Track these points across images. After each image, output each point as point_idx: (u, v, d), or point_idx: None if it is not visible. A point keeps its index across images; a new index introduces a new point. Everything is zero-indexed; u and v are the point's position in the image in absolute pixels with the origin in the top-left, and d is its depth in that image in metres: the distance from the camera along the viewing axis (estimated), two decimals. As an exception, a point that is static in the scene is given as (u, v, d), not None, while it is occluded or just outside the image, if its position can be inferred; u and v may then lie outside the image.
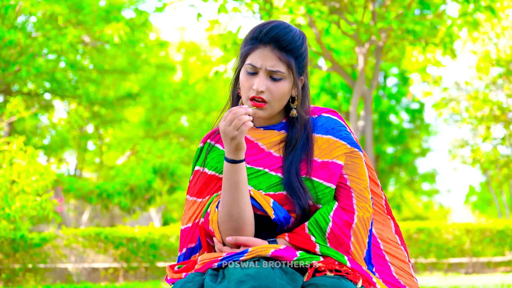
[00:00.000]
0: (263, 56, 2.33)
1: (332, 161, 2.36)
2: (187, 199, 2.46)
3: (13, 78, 15.31)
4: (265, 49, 2.33)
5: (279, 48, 2.33)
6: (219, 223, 2.29)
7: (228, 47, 12.36)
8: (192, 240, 2.40)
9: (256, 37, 2.35)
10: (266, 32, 2.33)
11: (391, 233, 2.52)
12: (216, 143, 2.47)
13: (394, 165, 26.16)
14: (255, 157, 2.40)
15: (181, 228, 2.44)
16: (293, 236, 2.28)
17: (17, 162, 9.54)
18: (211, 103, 25.23)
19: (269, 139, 2.42)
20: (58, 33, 14.41)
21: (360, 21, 12.54)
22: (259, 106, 2.33)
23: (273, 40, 2.32)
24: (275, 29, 2.33)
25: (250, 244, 2.26)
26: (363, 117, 13.99)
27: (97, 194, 14.78)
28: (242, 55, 2.40)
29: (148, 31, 18.88)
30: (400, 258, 2.48)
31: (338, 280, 2.05)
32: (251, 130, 2.45)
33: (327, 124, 2.44)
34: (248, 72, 2.35)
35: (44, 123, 23.12)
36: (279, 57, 2.32)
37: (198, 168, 2.46)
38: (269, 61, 2.32)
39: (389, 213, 2.55)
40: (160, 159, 16.00)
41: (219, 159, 2.42)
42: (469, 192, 34.55)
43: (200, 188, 2.42)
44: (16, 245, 10.30)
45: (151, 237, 11.14)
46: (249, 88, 2.34)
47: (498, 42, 16.88)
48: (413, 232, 11.89)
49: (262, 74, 2.33)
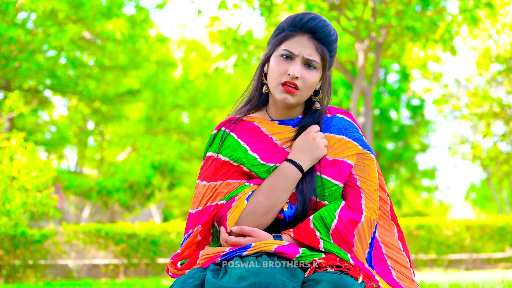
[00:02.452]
0: (300, 43, 2.36)
1: (342, 160, 2.37)
2: (197, 184, 2.44)
3: (14, 74, 15.31)
4: (303, 37, 2.37)
5: (316, 38, 2.37)
6: (247, 214, 2.31)
7: (228, 43, 12.36)
8: (200, 223, 2.39)
9: (296, 24, 2.37)
10: (307, 22, 2.36)
11: (394, 239, 2.53)
12: (231, 132, 2.46)
13: (394, 162, 26.16)
14: (269, 152, 2.41)
15: (190, 212, 2.42)
16: (298, 232, 2.29)
17: (17, 158, 9.55)
18: (211, 100, 25.21)
19: (284, 135, 2.44)
20: (59, 30, 14.40)
21: (360, 17, 12.53)
22: (291, 92, 2.36)
23: (312, 30, 2.36)
24: (314, 20, 2.36)
25: (254, 235, 2.26)
26: (363, 113, 13.99)
27: (97, 191, 14.78)
28: (276, 42, 2.41)
29: (148, 27, 18.88)
30: (402, 264, 2.49)
31: (339, 275, 2.06)
32: (266, 124, 2.46)
33: (340, 125, 2.46)
34: (283, 57, 2.37)
35: (44, 120, 23.13)
36: (316, 47, 2.37)
37: (211, 154, 2.45)
38: (307, 49, 2.35)
39: (393, 219, 2.56)
40: (159, 155, 15.99)
41: (234, 147, 2.41)
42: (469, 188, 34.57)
43: (213, 172, 2.41)
44: (16, 242, 10.30)
45: (151, 233, 11.14)
46: (283, 73, 2.36)
47: (498, 39, 16.87)
48: (413, 228, 11.89)
49: (298, 61, 2.35)
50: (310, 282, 2.04)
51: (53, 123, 23.80)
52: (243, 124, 2.47)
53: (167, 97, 24.70)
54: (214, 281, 2.01)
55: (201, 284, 2.07)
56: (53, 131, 23.40)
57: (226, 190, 2.36)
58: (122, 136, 25.29)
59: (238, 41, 12.13)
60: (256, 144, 2.42)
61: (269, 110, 2.50)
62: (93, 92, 19.79)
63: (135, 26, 17.45)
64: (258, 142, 2.42)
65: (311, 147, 2.34)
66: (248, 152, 2.40)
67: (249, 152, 2.40)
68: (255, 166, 2.39)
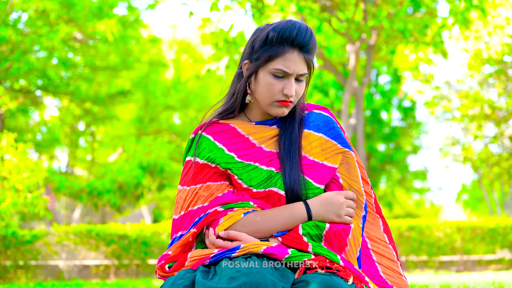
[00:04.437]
0: (293, 61, 2.36)
1: (323, 163, 2.40)
2: (178, 189, 2.46)
3: (5, 75, 15.26)
4: (293, 53, 2.37)
5: (305, 52, 2.38)
6: (239, 226, 2.33)
7: (220, 45, 12.35)
8: (185, 227, 2.38)
9: (285, 40, 2.36)
10: (296, 36, 2.35)
11: (379, 232, 2.52)
12: (207, 134, 2.48)
13: (386, 163, 26.20)
14: (246, 151, 2.43)
15: (173, 217, 2.43)
16: (286, 237, 2.30)
17: (8, 159, 9.52)
18: (203, 101, 25.21)
19: (260, 134, 2.46)
20: (50, 30, 14.36)
21: (351, 19, 12.54)
22: (286, 105, 2.39)
23: (301, 45, 2.37)
24: (302, 33, 2.36)
25: (241, 238, 2.28)
26: (355, 114, 14.01)
27: (87, 192, 14.74)
28: (265, 57, 2.39)
29: (140, 28, 18.85)
30: (388, 257, 2.49)
31: (328, 276, 2.06)
32: (243, 125, 2.48)
33: (318, 121, 2.48)
34: (277, 76, 2.37)
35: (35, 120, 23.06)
36: (305, 60, 2.39)
37: (190, 158, 2.47)
38: (298, 65, 2.37)
39: (378, 212, 2.55)
40: (148, 156, 15.95)
41: (210, 149, 2.43)
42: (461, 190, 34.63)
43: (192, 176, 2.42)
44: (7, 242, 10.27)
45: (142, 234, 11.12)
46: (278, 92, 2.37)
47: (490, 41, 16.92)
48: (405, 230, 11.91)
49: (291, 79, 2.37)
50: (300, 283, 2.05)
51: (44, 123, 23.74)
52: (219, 126, 2.49)
53: (159, 98, 24.68)
54: (204, 282, 2.02)
55: (191, 284, 2.07)
56: (44, 131, 23.35)
57: (207, 194, 2.37)
58: (113, 137, 25.26)
59: (230, 42, 12.12)
60: (232, 145, 2.44)
61: (248, 113, 2.52)
62: (84, 93, 19.75)
63: (126, 26, 17.42)
64: (235, 143, 2.44)
65: (333, 207, 2.33)
66: (225, 152, 2.42)
67: (226, 152, 2.42)
68: (232, 164, 2.40)
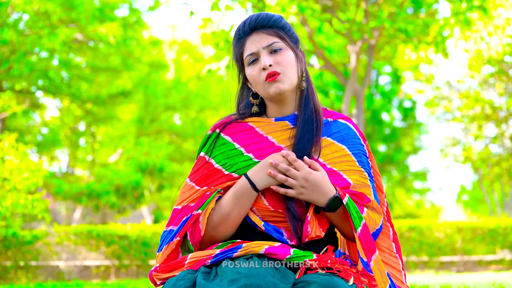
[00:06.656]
0: (253, 41, 2.39)
1: (339, 173, 2.36)
2: (186, 182, 2.44)
3: (5, 75, 15.27)
4: (251, 36, 2.40)
5: (261, 28, 2.40)
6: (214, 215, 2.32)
7: (221, 45, 12.36)
8: (176, 222, 2.37)
9: (240, 35, 2.43)
10: (244, 25, 2.41)
11: (388, 241, 2.51)
12: (225, 136, 2.46)
13: (386, 163, 26.20)
14: (264, 151, 2.39)
15: (175, 208, 2.41)
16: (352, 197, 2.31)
17: (8, 160, 9.53)
18: (203, 101, 25.21)
19: (279, 133, 2.42)
20: (51, 32, 14.36)
21: (353, 19, 12.54)
22: (274, 78, 2.35)
23: (254, 27, 2.40)
24: (249, 19, 2.41)
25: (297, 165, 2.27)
26: (355, 115, 14.00)
27: (87, 194, 14.72)
28: (238, 59, 2.46)
29: (141, 29, 18.86)
30: (393, 266, 2.47)
31: (329, 277, 2.06)
32: (262, 123, 2.45)
33: (343, 132, 2.45)
34: (251, 62, 2.39)
35: (36, 121, 23.07)
36: (267, 33, 2.39)
37: (204, 155, 2.45)
38: (260, 41, 2.38)
39: (388, 220, 2.55)
40: (147, 156, 15.93)
41: (228, 155, 2.40)
42: (461, 190, 34.64)
43: (202, 177, 2.40)
44: (7, 243, 10.27)
45: (143, 235, 11.12)
46: (259, 73, 2.38)
47: (490, 41, 16.92)
48: (405, 230, 11.91)
49: (262, 54, 2.37)
50: (300, 284, 2.05)
51: (44, 124, 23.75)
52: (238, 125, 2.46)
53: (159, 98, 24.69)
54: (205, 283, 2.01)
55: (191, 286, 2.06)
56: (44, 132, 23.36)
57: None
58: (114, 137, 25.26)
59: (231, 42, 12.11)
60: (251, 145, 2.40)
61: (267, 110, 2.49)
62: (85, 94, 19.76)
63: (127, 28, 17.42)
64: (254, 143, 2.40)
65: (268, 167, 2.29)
66: (243, 154, 2.39)
67: (244, 154, 2.39)
68: (250, 166, 2.36)
